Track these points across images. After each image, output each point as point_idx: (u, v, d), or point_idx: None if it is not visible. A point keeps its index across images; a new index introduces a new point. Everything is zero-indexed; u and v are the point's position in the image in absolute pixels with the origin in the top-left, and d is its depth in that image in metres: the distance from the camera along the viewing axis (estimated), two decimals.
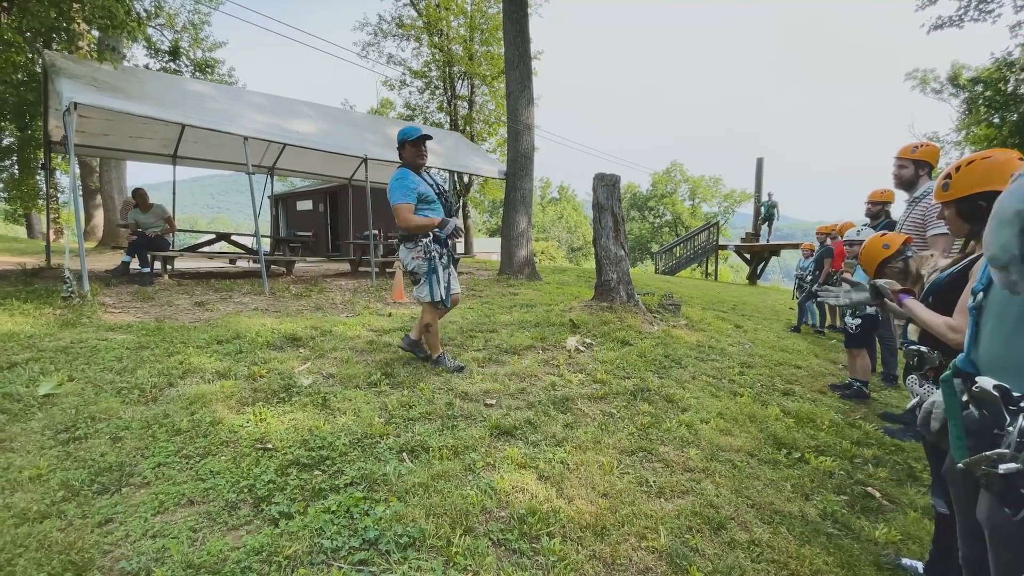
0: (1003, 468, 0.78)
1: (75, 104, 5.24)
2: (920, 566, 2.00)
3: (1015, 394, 0.80)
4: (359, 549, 1.79)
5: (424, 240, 3.51)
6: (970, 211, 1.60)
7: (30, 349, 3.57)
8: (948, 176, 1.61)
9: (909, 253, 2.39)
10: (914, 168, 3.33)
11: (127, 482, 2.13)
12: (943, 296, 1.74)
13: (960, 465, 0.86)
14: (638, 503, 2.22)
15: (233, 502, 2.02)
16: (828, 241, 7.10)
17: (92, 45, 10.42)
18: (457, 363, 3.78)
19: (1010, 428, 0.79)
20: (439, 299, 3.53)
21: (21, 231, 22.15)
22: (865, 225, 4.63)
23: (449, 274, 3.64)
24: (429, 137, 3.65)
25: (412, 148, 3.55)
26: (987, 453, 0.80)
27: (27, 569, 1.60)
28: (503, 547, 1.89)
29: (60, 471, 2.17)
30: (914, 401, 1.59)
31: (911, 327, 1.86)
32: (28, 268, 7.15)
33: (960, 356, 0.99)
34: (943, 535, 1.96)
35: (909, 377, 1.80)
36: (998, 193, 1.84)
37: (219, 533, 1.84)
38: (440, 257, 3.55)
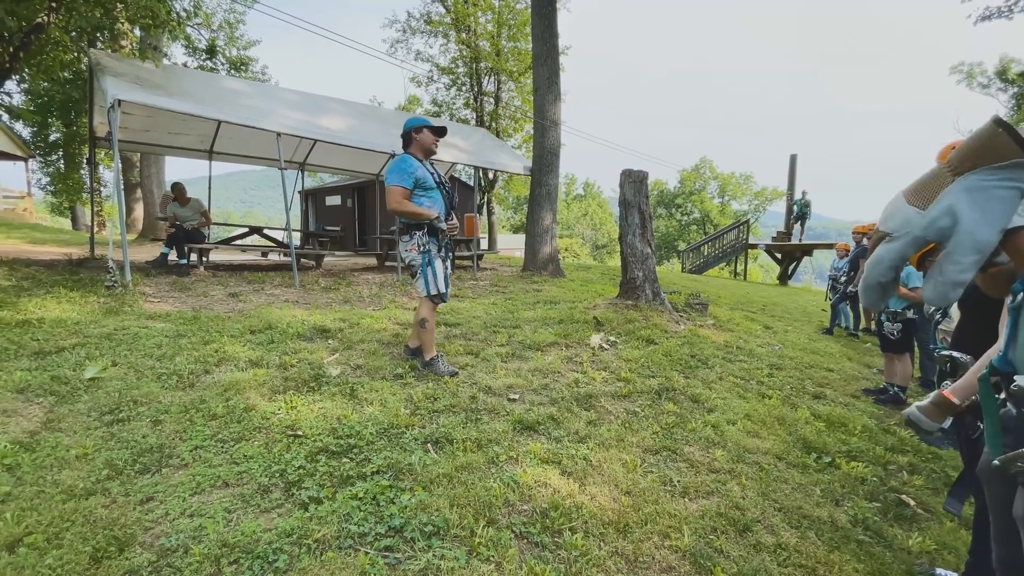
0: None
1: (119, 101, 5.46)
2: None
3: None
4: (385, 535, 1.84)
5: (418, 233, 3.42)
6: None
7: (76, 335, 3.76)
8: None
9: None
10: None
11: (166, 463, 2.22)
12: (969, 296, 1.69)
13: (996, 462, 0.86)
14: (661, 502, 2.20)
15: (265, 486, 2.09)
16: (864, 241, 6.87)
17: (135, 44, 10.83)
18: (451, 368, 3.56)
19: None
20: (437, 292, 3.43)
21: (67, 223, 23.22)
22: None
23: (445, 269, 3.51)
24: (446, 131, 3.59)
25: (431, 135, 3.48)
26: (1022, 451, 0.81)
27: (74, 542, 1.69)
28: (525, 540, 1.90)
29: (105, 451, 2.28)
30: (928, 398, 1.54)
31: (942, 329, 1.80)
32: (74, 258, 7.50)
33: (997, 355, 0.98)
34: (980, 545, 1.89)
35: (943, 383, 1.74)
36: None
37: (252, 515, 1.91)
38: (438, 249, 3.46)
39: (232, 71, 15.39)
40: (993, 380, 0.98)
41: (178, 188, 7.62)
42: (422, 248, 3.42)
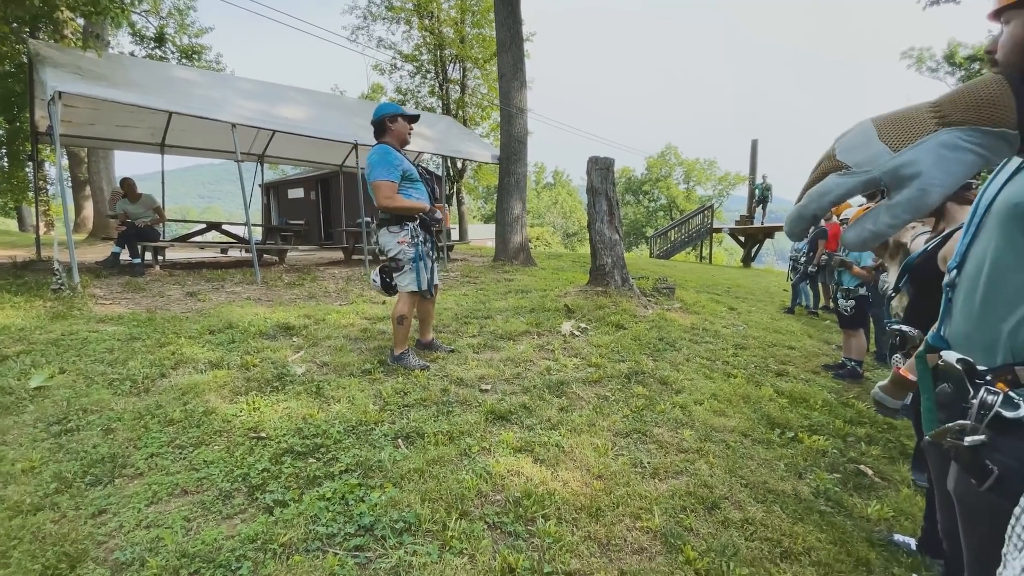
0: (968, 441, 0.81)
1: (60, 93, 5.14)
2: (912, 542, 2.02)
3: (979, 368, 0.82)
4: (355, 535, 1.80)
5: (411, 224, 3.33)
6: None
7: (21, 342, 3.54)
8: None
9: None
10: None
11: (120, 473, 2.12)
12: (917, 274, 1.76)
13: (927, 437, 0.88)
14: (632, 484, 2.23)
15: (227, 491, 2.02)
16: (822, 222, 7.09)
17: (76, 33, 10.18)
18: (422, 362, 3.47)
19: (973, 400, 0.81)
20: (424, 288, 3.36)
21: (12, 224, 21.89)
22: (861, 205, 4.61)
23: (432, 263, 3.46)
24: (415, 117, 3.49)
25: (405, 123, 3.37)
26: (949, 425, 0.83)
27: (22, 561, 1.60)
28: (499, 530, 1.90)
29: (53, 463, 2.16)
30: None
31: (893, 304, 1.86)
32: (18, 261, 7.06)
33: (932, 332, 1.00)
34: (934, 511, 1.99)
35: (894, 356, 1.81)
36: None
37: (213, 522, 1.84)
38: (425, 243, 3.40)
39: (183, 60, 14.69)
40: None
41: (127, 184, 7.24)
42: (414, 241, 3.31)
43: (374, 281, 3.55)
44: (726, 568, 1.77)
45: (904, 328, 1.29)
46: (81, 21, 10.00)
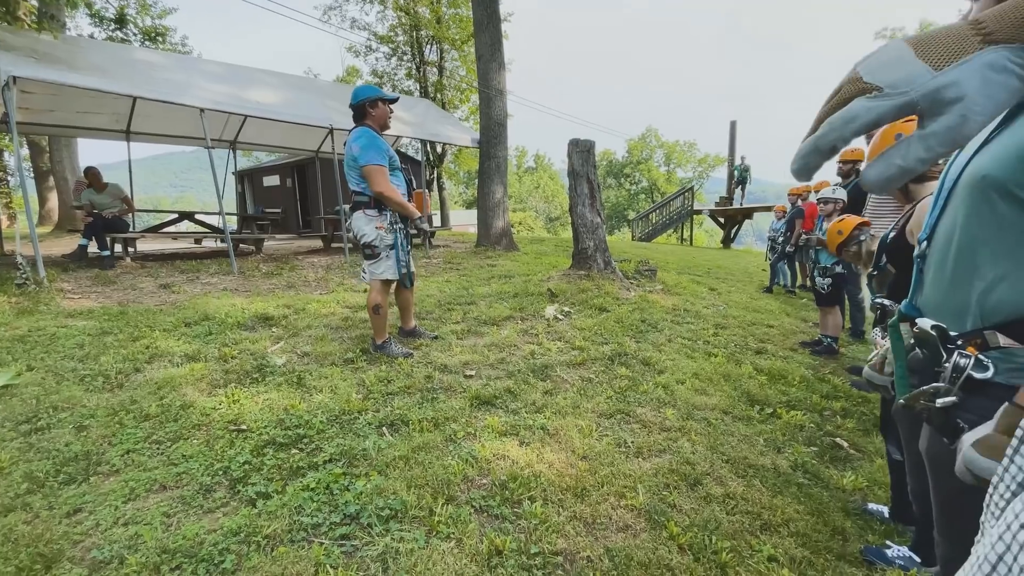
0: (940, 402, 0.84)
1: (14, 78, 4.88)
2: (885, 510, 2.09)
3: (952, 333, 0.86)
4: (340, 524, 1.78)
5: (389, 212, 3.26)
6: None
7: None
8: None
9: (863, 237, 2.50)
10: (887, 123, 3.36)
11: (95, 471, 2.06)
12: (893, 252, 1.80)
13: (901, 401, 0.91)
14: (617, 464, 2.26)
15: (208, 485, 1.98)
16: (799, 202, 7.20)
17: (31, 15, 9.65)
18: (405, 350, 3.44)
19: (946, 364, 0.84)
20: (401, 275, 3.30)
21: None
22: (838, 184, 4.69)
23: (408, 251, 3.38)
24: (396, 99, 3.41)
25: (385, 107, 3.30)
26: (924, 388, 0.86)
27: None
28: (485, 513, 1.90)
29: (23, 463, 2.08)
30: (875, 352, 1.64)
31: (875, 284, 1.90)
32: None
33: (904, 302, 1.04)
34: (898, 481, 2.06)
35: (874, 330, 1.85)
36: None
37: (194, 517, 1.80)
38: (402, 230, 3.32)
39: (146, 42, 14.09)
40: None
41: (92, 173, 6.96)
42: (392, 227, 3.24)
43: (363, 278, 3.43)
44: (708, 542, 1.81)
45: (885, 302, 1.33)
46: (35, 1, 9.47)
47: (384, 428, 2.48)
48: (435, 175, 20.66)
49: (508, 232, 9.33)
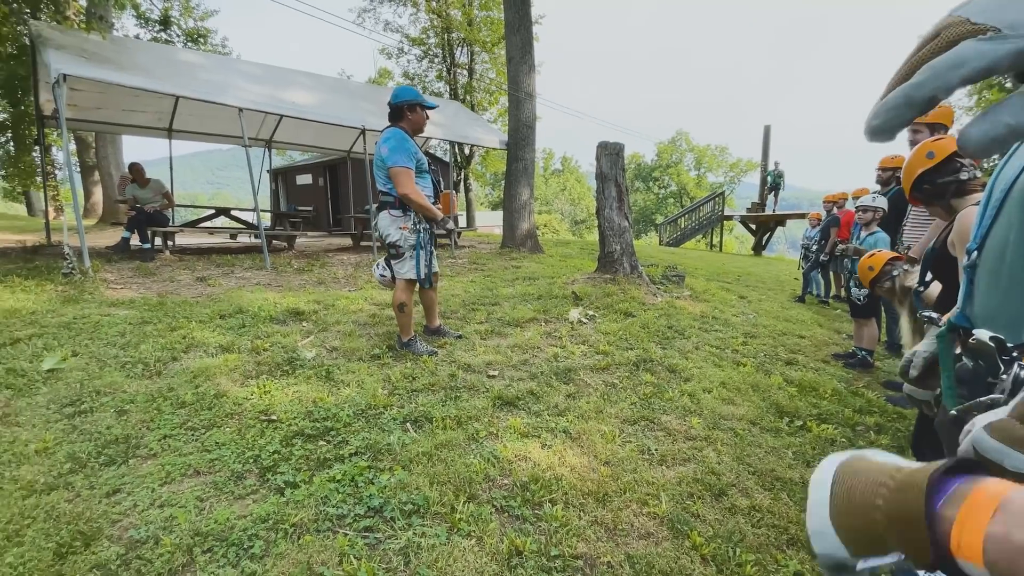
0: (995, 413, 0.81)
1: (64, 76, 5.12)
2: None
3: (1008, 345, 0.83)
4: (364, 516, 1.82)
5: (413, 213, 3.28)
6: (926, 196, 1.72)
7: (33, 325, 3.58)
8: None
9: (895, 272, 2.38)
10: (928, 132, 3.24)
11: (133, 454, 2.15)
12: (936, 264, 1.74)
13: (953, 412, 0.88)
14: (640, 471, 2.23)
15: (239, 472, 2.04)
16: (835, 210, 6.99)
17: (79, 15, 10.14)
18: (430, 348, 3.49)
19: (1004, 376, 0.82)
20: (422, 277, 3.33)
21: (21, 209, 22.09)
22: (876, 192, 4.54)
23: (431, 252, 3.40)
24: (434, 107, 3.44)
25: (423, 113, 3.35)
26: (981, 399, 0.83)
27: (36, 539, 1.63)
28: (506, 513, 1.91)
29: (66, 444, 2.19)
30: (905, 357, 1.59)
31: (923, 297, 1.83)
32: (29, 246, 7.14)
33: (955, 312, 1.01)
34: None
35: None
36: (929, 172, 1.81)
37: (226, 502, 1.86)
38: (427, 230, 3.35)
39: (189, 43, 14.61)
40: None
41: (136, 169, 7.27)
42: (415, 227, 3.27)
43: (381, 276, 3.45)
44: (732, 554, 1.77)
45: (932, 315, 1.29)
46: (83, 2, 9.95)
47: (408, 424, 2.51)
48: (462, 176, 20.82)
49: (533, 234, 9.33)
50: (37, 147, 14.20)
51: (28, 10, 8.05)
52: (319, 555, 1.61)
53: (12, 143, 17.28)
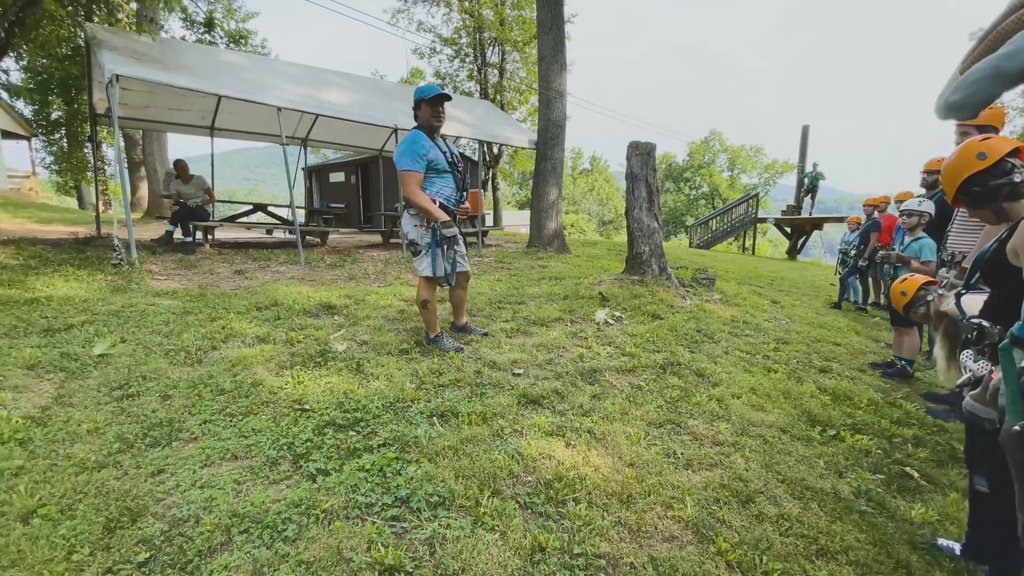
0: None
1: (117, 76, 5.38)
2: (957, 547, 1.94)
3: None
4: (392, 506, 1.87)
5: None
6: (975, 199, 1.67)
7: (84, 312, 3.79)
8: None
9: (930, 297, 2.27)
10: (977, 133, 3.10)
11: (176, 437, 2.26)
12: (991, 271, 1.66)
13: (1016, 428, 0.85)
14: (665, 474, 2.22)
15: (274, 458, 2.12)
16: (876, 214, 6.74)
17: (131, 17, 10.62)
18: (457, 344, 3.52)
19: None
20: (440, 275, 3.32)
21: (72, 203, 23.27)
22: (922, 196, 4.36)
23: (456, 251, 3.38)
24: (448, 97, 3.34)
25: (428, 108, 3.28)
26: None
27: (87, 513, 1.73)
28: (530, 510, 1.93)
29: (115, 425, 2.32)
30: (966, 377, 1.50)
31: (966, 301, 1.76)
32: (80, 237, 7.53)
33: (1017, 325, 0.96)
34: (977, 515, 1.90)
35: (964, 352, 1.71)
36: (980, 174, 1.71)
37: (261, 486, 1.94)
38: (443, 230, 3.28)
39: (231, 44, 15.12)
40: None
41: (180, 165, 7.58)
42: (430, 226, 3.30)
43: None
44: (759, 561, 1.75)
45: (984, 323, 1.23)
46: (134, 5, 10.41)
47: (435, 418, 2.56)
48: (490, 175, 20.91)
49: (560, 234, 9.31)
50: (89, 143, 14.96)
51: (83, 13, 8.49)
52: (348, 541, 1.66)
53: (66, 140, 18.24)
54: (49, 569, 1.49)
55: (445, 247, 3.32)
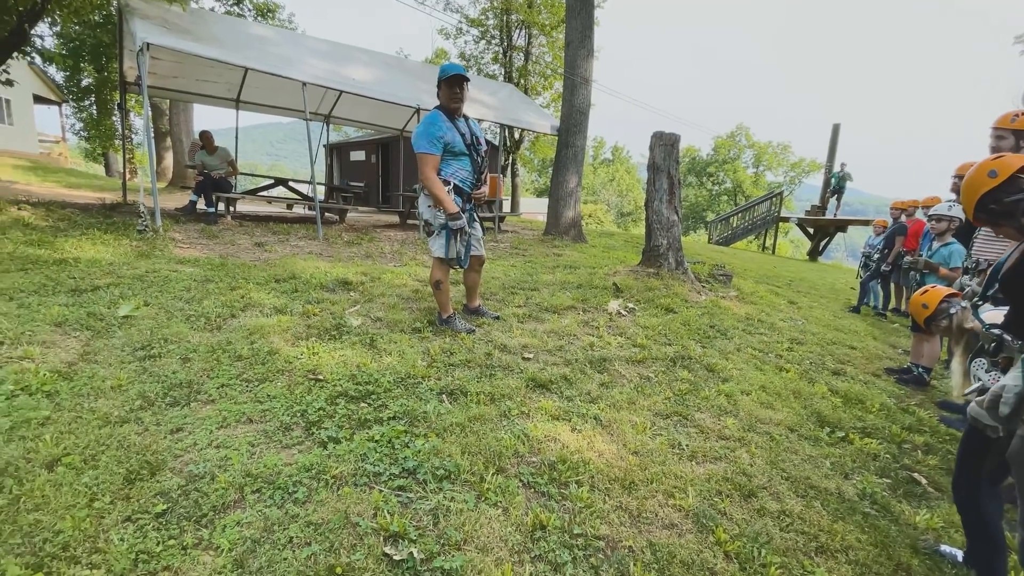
0: None
1: (148, 45, 5.44)
2: (960, 554, 1.93)
3: None
4: (399, 476, 1.92)
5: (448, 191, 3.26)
6: (992, 216, 1.63)
7: (110, 275, 3.90)
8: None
9: (952, 310, 2.20)
10: (1014, 139, 3.00)
11: (195, 398, 2.34)
12: (1010, 283, 1.62)
13: (1022, 433, 0.84)
14: (668, 464, 2.24)
15: (287, 424, 2.19)
16: (903, 218, 6.58)
17: None
18: (469, 326, 3.55)
19: None
20: (452, 256, 3.33)
21: (100, 170, 23.74)
22: (953, 201, 4.25)
23: (470, 234, 3.39)
24: (466, 78, 3.27)
25: (446, 88, 3.24)
26: None
27: (109, 464, 1.81)
28: (532, 489, 1.96)
29: (138, 383, 2.40)
30: (976, 386, 1.48)
31: (988, 316, 1.73)
32: (107, 203, 7.71)
33: None
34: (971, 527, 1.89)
35: (976, 361, 1.69)
36: (994, 191, 1.67)
37: (274, 449, 2.01)
38: (462, 211, 3.31)
39: (259, 18, 15.16)
40: None
41: (206, 136, 7.68)
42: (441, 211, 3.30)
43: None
44: (757, 554, 1.77)
45: (1005, 336, 1.21)
46: None
47: (444, 395, 2.60)
48: (510, 161, 20.79)
49: (578, 223, 9.26)
50: (118, 111, 15.18)
51: None
52: (356, 506, 1.72)
53: (95, 107, 18.55)
54: (72, 514, 1.57)
55: (471, 213, 3.33)
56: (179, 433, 2.06)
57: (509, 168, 20.98)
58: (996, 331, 1.41)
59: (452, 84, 3.24)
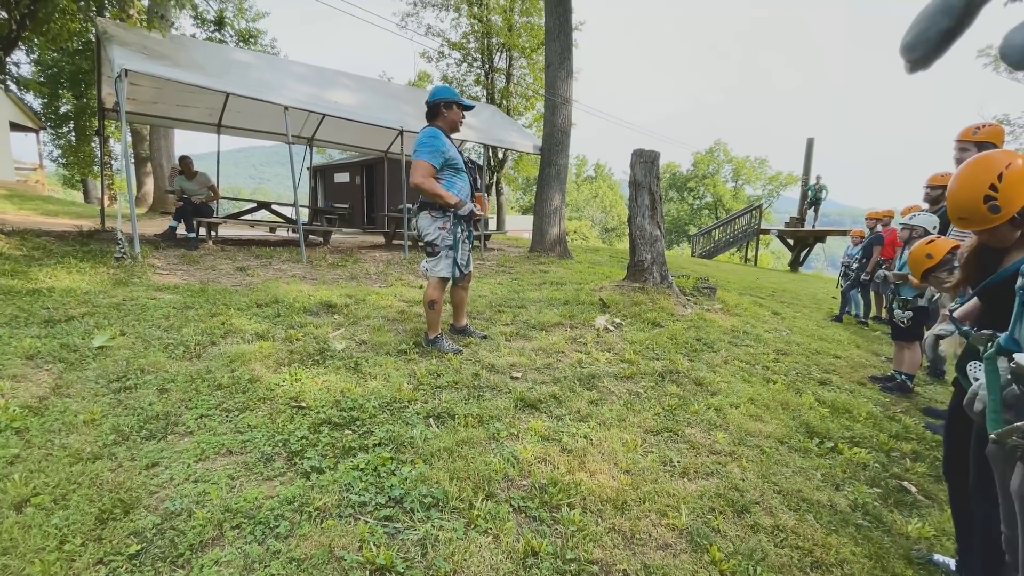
0: None
1: (126, 71, 5.41)
2: (952, 563, 1.93)
3: None
4: (385, 505, 1.86)
5: (452, 212, 3.33)
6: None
7: (85, 304, 3.80)
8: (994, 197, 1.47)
9: (957, 263, 2.24)
10: (976, 149, 3.09)
11: (172, 430, 2.26)
12: (991, 294, 1.65)
13: (992, 436, 0.85)
14: (661, 481, 2.21)
15: (268, 454, 2.12)
16: (879, 228, 6.74)
17: (142, 14, 10.70)
18: (455, 346, 3.53)
19: None
20: (455, 276, 3.41)
21: (79, 196, 23.36)
22: (925, 210, 4.36)
23: (468, 250, 3.52)
24: (471, 108, 3.51)
25: (456, 111, 3.39)
26: (1019, 424, 0.79)
27: (80, 504, 1.73)
28: (523, 514, 1.92)
29: (112, 417, 2.32)
30: (976, 385, 1.50)
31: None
32: (84, 230, 7.55)
33: (1004, 335, 0.97)
34: (966, 533, 1.89)
35: (971, 364, 1.70)
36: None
37: (255, 482, 1.94)
38: (463, 231, 3.44)
39: (241, 43, 15.22)
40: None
41: (185, 161, 7.61)
42: (453, 229, 3.34)
43: (422, 268, 3.54)
44: (752, 572, 1.74)
45: (998, 334, 1.23)
46: (146, 1, 10.50)
47: (431, 419, 2.55)
48: (494, 180, 20.96)
49: (563, 240, 9.31)
50: (96, 138, 15.02)
51: (94, 8, 8.55)
52: (340, 539, 1.66)
53: (74, 133, 18.35)
54: (41, 558, 1.48)
55: (464, 246, 3.40)
56: (155, 468, 1.98)
57: (494, 187, 21.13)
58: (983, 332, 1.43)
59: (462, 109, 3.42)
